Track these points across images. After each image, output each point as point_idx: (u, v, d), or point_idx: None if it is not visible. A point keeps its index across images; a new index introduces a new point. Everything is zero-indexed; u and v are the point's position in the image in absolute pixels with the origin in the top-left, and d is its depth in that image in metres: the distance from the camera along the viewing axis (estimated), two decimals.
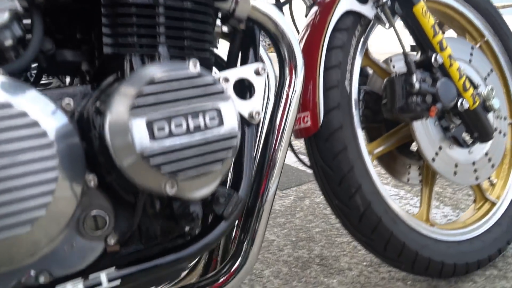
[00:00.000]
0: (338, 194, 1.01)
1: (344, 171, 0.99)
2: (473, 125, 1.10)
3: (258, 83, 0.77)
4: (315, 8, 1.06)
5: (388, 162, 1.28)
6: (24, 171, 0.52)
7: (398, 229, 1.03)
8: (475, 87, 1.16)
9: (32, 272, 0.61)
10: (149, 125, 0.54)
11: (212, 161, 0.57)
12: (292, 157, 1.42)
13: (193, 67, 0.58)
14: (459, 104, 1.04)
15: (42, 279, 0.61)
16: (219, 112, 0.58)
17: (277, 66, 0.85)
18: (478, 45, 1.30)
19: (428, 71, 1.03)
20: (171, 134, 0.55)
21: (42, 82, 0.89)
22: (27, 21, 0.66)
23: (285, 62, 0.82)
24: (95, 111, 0.60)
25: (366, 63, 1.11)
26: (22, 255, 0.55)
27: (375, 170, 1.04)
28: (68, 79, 0.97)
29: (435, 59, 1.02)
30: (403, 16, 1.03)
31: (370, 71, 1.19)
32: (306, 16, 1.08)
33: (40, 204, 0.53)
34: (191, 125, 0.56)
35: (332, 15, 1.00)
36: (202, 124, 0.57)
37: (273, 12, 0.78)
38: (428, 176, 1.18)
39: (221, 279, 0.78)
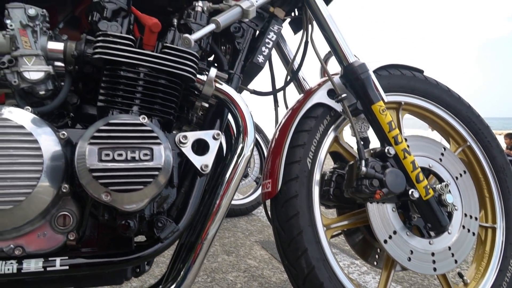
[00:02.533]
0: (288, 254, 1.16)
1: (294, 234, 1.14)
2: (426, 215, 1.19)
3: (213, 145, 1.01)
4: (300, 96, 1.31)
5: (360, 244, 1.40)
6: (19, 168, 0.81)
7: None
8: (445, 183, 1.26)
9: (12, 245, 0.87)
10: (99, 151, 0.80)
11: (138, 183, 0.81)
12: None
13: (142, 119, 0.85)
14: (409, 193, 1.17)
15: (17, 252, 0.86)
16: (151, 151, 0.83)
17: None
18: (460, 149, 1.42)
19: (382, 161, 1.18)
20: (113, 159, 0.81)
21: None
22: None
23: (240, 133, 1.05)
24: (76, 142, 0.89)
25: (337, 149, 1.30)
26: (6, 225, 0.82)
27: (327, 240, 1.17)
28: None
29: (388, 151, 1.18)
30: (364, 112, 1.22)
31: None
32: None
33: (23, 192, 0.81)
34: (129, 156, 0.81)
35: (304, 104, 1.23)
36: (137, 156, 0.82)
37: (234, 95, 1.05)
38: (388, 260, 1.26)
39: None
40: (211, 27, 0.96)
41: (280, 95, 1.42)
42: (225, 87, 1.04)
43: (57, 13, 1.15)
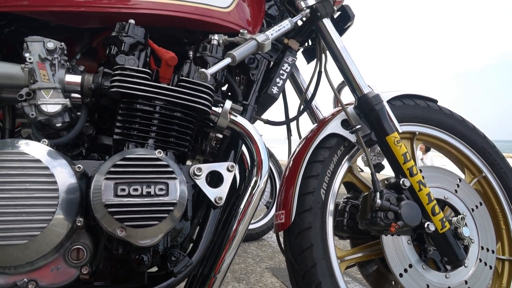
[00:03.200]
0: None
1: (307, 267, 1.12)
2: (442, 248, 1.17)
3: (227, 176, 1.00)
4: (313, 126, 1.31)
5: (374, 276, 1.37)
6: (35, 203, 0.81)
7: None
8: (461, 215, 1.23)
9: (26, 279, 0.86)
10: (115, 186, 0.80)
11: (153, 218, 0.80)
12: None
13: (158, 153, 0.85)
14: (425, 226, 1.14)
15: (30, 286, 0.86)
16: (167, 185, 0.83)
17: None
18: (475, 180, 1.39)
19: (397, 192, 1.17)
20: (129, 194, 0.80)
21: None
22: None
23: (254, 166, 1.05)
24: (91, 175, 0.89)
25: (350, 179, 1.29)
26: (21, 260, 0.81)
27: (341, 273, 1.15)
28: None
29: (403, 183, 1.16)
30: (378, 143, 1.22)
31: None
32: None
33: (38, 227, 0.81)
34: (144, 191, 0.81)
35: (318, 135, 1.23)
36: (152, 191, 0.82)
37: (248, 127, 1.05)
38: None
39: None
40: (227, 61, 0.97)
41: (293, 124, 1.42)
42: (240, 119, 1.04)
43: (75, 44, 1.17)
